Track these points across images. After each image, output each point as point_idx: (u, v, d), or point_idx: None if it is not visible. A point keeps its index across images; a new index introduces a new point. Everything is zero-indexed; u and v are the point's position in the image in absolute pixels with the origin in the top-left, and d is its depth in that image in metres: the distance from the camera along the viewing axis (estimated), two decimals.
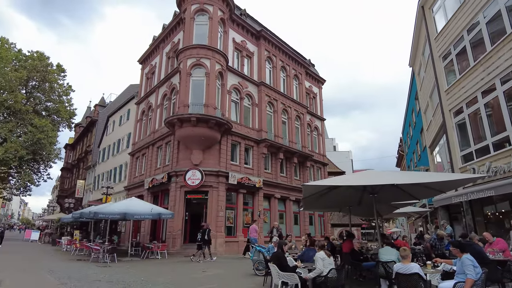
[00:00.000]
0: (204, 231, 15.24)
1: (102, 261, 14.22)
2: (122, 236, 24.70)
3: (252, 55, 24.90)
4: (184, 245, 18.69)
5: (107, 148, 34.61)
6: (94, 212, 15.52)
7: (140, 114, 27.51)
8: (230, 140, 21.08)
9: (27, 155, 30.72)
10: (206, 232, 15.24)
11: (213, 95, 19.90)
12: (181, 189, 19.16)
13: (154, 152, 23.38)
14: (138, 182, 24.37)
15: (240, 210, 20.65)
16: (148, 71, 28.09)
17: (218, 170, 19.51)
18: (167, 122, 19.91)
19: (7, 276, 9.70)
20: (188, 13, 21.60)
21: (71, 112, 36.60)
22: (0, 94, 30.68)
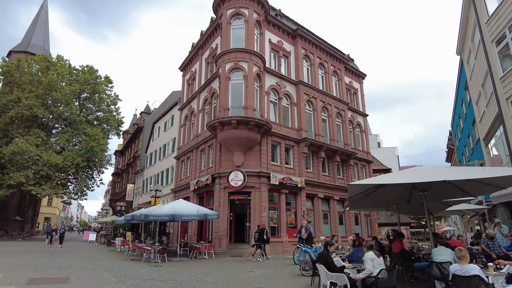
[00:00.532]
0: (262, 231, 15.72)
1: (153, 261, 14.94)
2: (171, 236, 25.74)
3: (289, 55, 24.82)
4: (230, 245, 19.09)
5: (154, 153, 36.28)
6: (144, 214, 16.35)
7: (183, 119, 28.54)
8: (270, 140, 21.19)
9: (82, 162, 33.20)
10: (264, 232, 15.85)
11: (251, 97, 20.14)
12: (225, 190, 19.59)
13: (198, 155, 24.13)
14: (184, 185, 25.28)
15: (283, 210, 20.67)
16: (189, 78, 29.07)
17: (260, 171, 19.69)
18: (209, 126, 20.47)
19: (71, 273, 10.55)
20: (225, 18, 22.06)
21: (119, 120, 38.96)
22: (58, 107, 33.44)
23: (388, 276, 6.24)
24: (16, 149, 28.52)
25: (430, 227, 9.21)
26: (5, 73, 34.19)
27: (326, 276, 6.55)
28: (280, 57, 24.19)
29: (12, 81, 33.97)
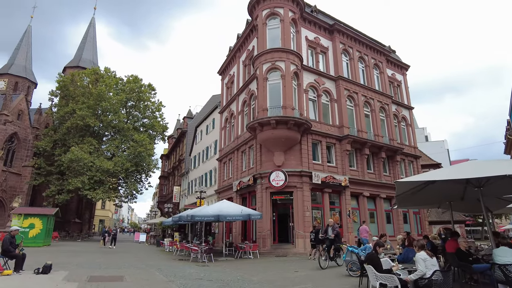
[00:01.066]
0: (318, 232, 15.52)
1: (200, 261, 15.38)
2: (216, 236, 26.33)
3: (327, 50, 24.34)
4: (274, 245, 19.11)
5: (197, 155, 37.38)
6: (191, 215, 16.90)
7: (223, 122, 29.11)
8: (310, 139, 20.90)
9: (131, 167, 35.19)
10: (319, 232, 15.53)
11: (290, 96, 20.01)
12: (267, 191, 19.66)
13: (239, 157, 24.47)
14: (227, 186, 25.77)
15: (327, 209, 20.29)
16: (227, 81, 29.60)
17: (301, 170, 19.51)
18: (249, 127, 20.66)
19: (126, 272, 11.19)
20: (260, 19, 22.16)
21: (164, 126, 40.83)
22: (107, 116, 35.68)
23: (443, 278, 5.88)
24: (72, 157, 30.90)
25: (489, 226, 8.54)
26: (61, 88, 37.24)
27: (375, 277, 6.32)
28: (318, 54, 23.79)
29: (67, 95, 36.90)
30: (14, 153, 36.66)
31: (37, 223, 23.23)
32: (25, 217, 23.18)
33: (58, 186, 33.89)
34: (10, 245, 9.96)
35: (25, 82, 46.01)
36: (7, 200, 33.71)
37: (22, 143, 37.12)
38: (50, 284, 8.54)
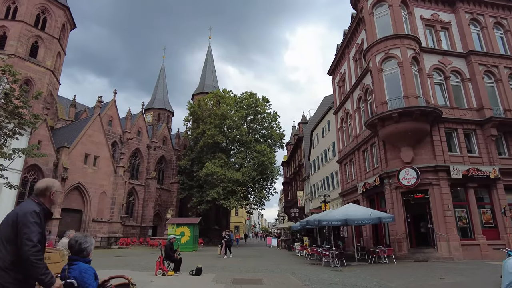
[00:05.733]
0: None
1: (333, 266, 15.19)
2: (346, 241, 25.61)
3: (449, 25, 21.27)
4: (412, 249, 17.41)
5: (316, 159, 37.42)
6: (318, 220, 16.95)
7: (339, 122, 28.42)
8: (442, 128, 18.42)
9: (257, 175, 37.76)
10: None
11: (411, 84, 18.18)
12: (397, 191, 18.15)
13: (361, 156, 23.39)
14: (351, 188, 24.89)
15: (473, 207, 17.38)
16: (338, 80, 28.89)
17: (435, 165, 17.33)
18: (368, 124, 19.60)
19: (263, 275, 11.94)
20: (366, 10, 21.00)
21: (281, 134, 42.63)
22: (231, 132, 39.31)
23: None
24: (208, 171, 35.08)
25: None
26: (192, 113, 43.03)
27: None
28: (438, 31, 21.01)
29: (197, 118, 42.34)
30: (164, 172, 43.80)
31: (186, 231, 27.01)
32: (177, 226, 27.29)
33: (199, 197, 38.83)
34: (170, 251, 12.01)
35: (165, 112, 55.17)
36: (162, 213, 40.33)
37: (168, 163, 44.10)
38: (203, 284, 9.90)
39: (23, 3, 32.76)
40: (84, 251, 3.14)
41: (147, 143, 40.78)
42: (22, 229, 2.64)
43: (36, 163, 25.27)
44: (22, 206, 2.84)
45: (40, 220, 2.77)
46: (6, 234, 2.69)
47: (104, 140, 31.40)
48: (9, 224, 2.70)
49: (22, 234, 2.63)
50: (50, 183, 3.03)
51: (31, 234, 2.64)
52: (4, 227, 2.72)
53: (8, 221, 2.73)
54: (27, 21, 32.52)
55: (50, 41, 34.38)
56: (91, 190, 29.25)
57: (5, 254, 2.63)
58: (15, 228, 2.67)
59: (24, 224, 2.65)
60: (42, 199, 2.95)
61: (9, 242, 2.66)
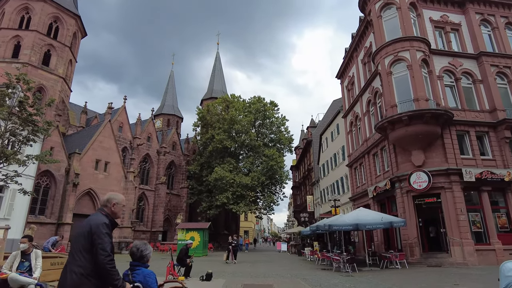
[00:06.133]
0: None
1: (344, 271, 15.02)
2: (357, 245, 25.31)
3: (459, 27, 21.03)
4: (424, 254, 17.11)
5: (325, 163, 37.20)
6: (328, 225, 16.80)
7: (348, 126, 28.23)
8: (454, 131, 18.16)
9: (266, 180, 37.63)
10: None
11: (421, 86, 17.99)
12: (408, 194, 17.90)
13: (371, 160, 23.17)
14: (361, 192, 24.64)
15: (488, 211, 17.01)
16: (347, 83, 28.76)
17: (447, 168, 17.05)
18: (378, 128, 19.43)
19: (273, 281, 11.86)
20: (374, 13, 20.93)
21: (290, 138, 42.54)
22: (240, 137, 39.37)
23: None
24: (217, 176, 35.13)
25: None
26: (201, 118, 43.26)
27: None
28: (448, 33, 20.79)
29: (206, 123, 42.52)
30: (173, 178, 44.05)
31: (196, 236, 27.04)
32: (187, 231, 27.33)
33: (208, 202, 38.87)
34: (185, 255, 12.12)
35: (174, 118, 55.55)
36: (172, 218, 40.50)
37: (178, 168, 44.35)
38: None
39: (36, 13, 33.56)
40: (144, 258, 3.43)
41: (157, 149, 41.12)
42: (97, 240, 2.93)
43: (49, 169, 25.68)
44: (93, 218, 3.12)
45: (110, 231, 3.08)
46: (83, 244, 2.98)
47: (115, 146, 31.77)
48: (85, 235, 2.99)
49: (97, 244, 2.92)
50: (111, 196, 3.33)
51: (105, 245, 2.94)
52: (81, 238, 3.01)
53: (84, 232, 3.01)
54: (40, 30, 33.27)
55: (62, 49, 35.08)
56: (101, 196, 29.49)
57: (85, 262, 2.92)
58: (90, 238, 2.96)
59: (98, 235, 2.94)
60: (107, 210, 3.25)
61: (86, 251, 2.95)
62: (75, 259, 2.96)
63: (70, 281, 2.89)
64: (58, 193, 26.66)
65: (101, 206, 3.30)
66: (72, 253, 3.02)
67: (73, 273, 2.89)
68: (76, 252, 2.98)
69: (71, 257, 3.00)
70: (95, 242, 2.93)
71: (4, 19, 33.06)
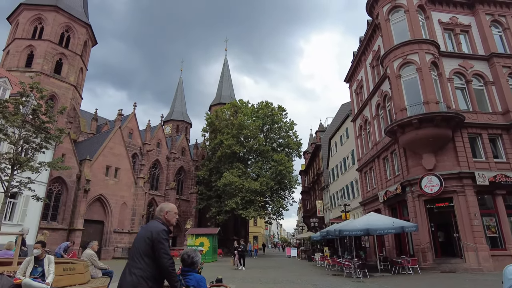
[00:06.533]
0: None
1: (355, 277, 14.82)
2: (368, 251, 24.98)
3: (469, 28, 20.82)
4: (437, 259, 16.78)
5: (335, 168, 36.94)
6: (338, 230, 16.63)
7: (358, 130, 28.04)
8: (465, 134, 17.89)
9: (274, 185, 37.52)
10: None
11: (431, 89, 17.80)
12: (419, 199, 17.64)
13: (381, 164, 22.93)
14: (372, 197, 24.37)
15: (503, 215, 16.64)
16: (356, 87, 28.63)
17: (459, 172, 16.78)
18: (387, 131, 19.27)
19: (283, 287, 11.77)
20: (382, 16, 20.87)
21: (298, 142, 42.42)
22: (249, 142, 39.41)
23: None
24: (226, 181, 35.16)
25: None
26: (210, 124, 43.49)
27: None
28: (458, 35, 20.60)
29: (215, 129, 42.72)
30: (183, 183, 44.24)
31: (206, 241, 27.05)
32: (196, 236, 27.37)
33: (217, 208, 38.89)
34: None
35: (183, 124, 56.05)
36: (182, 223, 40.57)
37: (187, 174, 44.54)
38: None
39: (48, 23, 34.35)
40: (195, 264, 3.67)
41: (167, 154, 41.42)
42: (158, 245, 3.18)
43: (60, 175, 26.05)
44: (153, 225, 3.37)
45: (168, 237, 3.34)
46: (144, 249, 3.20)
47: (125, 152, 32.10)
48: (146, 241, 3.22)
49: (159, 249, 3.17)
50: (164, 205, 3.60)
51: (166, 249, 3.22)
52: (141, 243, 3.23)
53: (144, 238, 3.24)
54: (52, 39, 34.02)
55: (73, 57, 35.77)
56: (112, 202, 29.83)
57: (145, 266, 3.15)
58: (151, 244, 3.19)
59: (159, 241, 3.19)
60: (162, 218, 3.49)
61: (146, 256, 3.18)
62: (135, 262, 3.19)
63: (130, 281, 3.13)
64: (70, 199, 27.00)
65: (156, 215, 3.54)
66: (132, 256, 3.25)
67: (133, 274, 3.13)
68: (137, 256, 3.20)
69: (132, 260, 3.22)
70: (157, 247, 3.17)
71: (18, 29, 33.94)
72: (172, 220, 3.55)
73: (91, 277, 8.20)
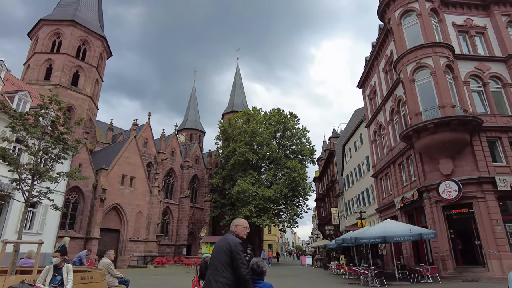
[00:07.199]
0: None
1: (372, 285, 14.52)
2: (385, 259, 24.46)
3: (484, 30, 20.45)
4: (458, 268, 16.26)
5: (349, 174, 36.50)
6: (354, 238, 16.36)
7: (372, 135, 27.71)
8: (484, 137, 17.44)
9: (288, 192, 37.28)
10: None
11: (446, 93, 17.48)
12: (437, 205, 17.21)
13: (397, 170, 22.53)
14: (388, 203, 23.92)
15: None
16: (369, 93, 28.38)
17: (479, 177, 16.32)
18: (403, 137, 18.96)
19: None
20: (394, 21, 20.74)
21: (311, 149, 42.16)
22: (261, 149, 39.43)
23: None
24: (239, 189, 35.21)
25: None
26: (223, 132, 43.80)
27: None
28: (473, 37, 20.24)
29: (228, 137, 42.97)
30: (197, 191, 44.48)
31: None
32: (210, 244, 27.36)
33: (231, 215, 38.85)
34: (205, 270, 11.94)
35: (196, 132, 56.62)
36: (196, 231, 40.71)
37: (201, 182, 44.80)
38: None
39: (66, 37, 35.48)
40: (264, 273, 3.93)
41: (181, 163, 41.81)
42: (236, 256, 3.57)
43: (77, 185, 26.58)
44: (230, 238, 3.77)
45: (243, 248, 3.71)
46: (225, 259, 3.59)
47: (140, 161, 32.56)
48: (225, 252, 3.61)
49: (237, 259, 3.55)
50: (235, 220, 4.10)
51: (244, 259, 3.57)
52: (222, 254, 3.63)
53: (224, 249, 3.64)
54: (69, 53, 35.10)
55: (89, 69, 36.76)
56: (127, 210, 30.20)
57: (228, 274, 3.55)
58: (230, 254, 3.58)
59: (237, 252, 3.58)
60: (234, 232, 3.91)
61: (227, 265, 3.57)
62: (218, 271, 3.58)
63: None
64: (86, 208, 27.48)
65: (230, 229, 4.02)
66: (215, 266, 3.63)
67: (219, 282, 3.51)
68: (220, 266, 3.59)
69: (215, 269, 3.61)
70: (235, 258, 3.56)
71: (38, 44, 35.17)
72: (241, 234, 3.92)
73: (108, 285, 8.29)
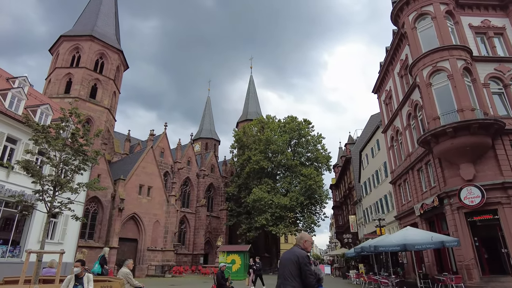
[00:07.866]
0: None
1: None
2: (406, 267, 23.78)
3: (503, 30, 19.96)
4: (485, 277, 15.61)
5: (367, 181, 35.90)
6: (374, 246, 15.99)
7: (389, 141, 27.24)
8: (507, 141, 16.85)
9: (305, 200, 36.94)
10: None
11: (465, 96, 17.06)
12: (459, 211, 16.66)
13: (416, 176, 22.02)
14: (407, 210, 23.34)
15: None
16: (384, 98, 28.02)
17: (503, 182, 15.75)
18: (420, 142, 18.56)
19: None
20: (408, 25, 20.51)
21: (327, 156, 41.73)
22: (276, 157, 39.34)
23: None
24: (255, 197, 35.13)
25: None
26: (237, 140, 44.02)
27: None
28: (491, 38, 19.78)
29: (243, 145, 43.16)
30: (213, 200, 44.65)
31: (237, 259, 26.90)
32: (227, 254, 27.30)
33: (247, 224, 38.77)
34: (222, 279, 11.97)
35: (212, 141, 57.10)
36: (213, 240, 40.75)
37: (216, 190, 44.98)
38: None
39: (85, 51, 36.71)
40: (321, 280, 4.54)
41: (197, 172, 42.16)
42: (304, 268, 3.94)
43: (96, 195, 27.14)
44: (298, 251, 4.13)
45: (310, 261, 4.09)
46: (294, 270, 3.96)
47: (157, 171, 33.00)
48: (294, 264, 3.97)
49: (306, 271, 3.93)
50: (303, 235, 4.44)
51: (311, 271, 3.97)
52: (291, 265, 4.00)
53: (292, 261, 4.00)
54: (88, 66, 36.26)
55: (107, 82, 37.80)
56: (145, 220, 30.54)
57: (297, 284, 3.89)
58: (298, 266, 3.95)
59: (305, 264, 3.95)
60: (301, 246, 4.26)
61: (296, 276, 3.93)
62: (288, 281, 3.94)
63: None
64: (105, 218, 27.96)
65: (297, 242, 4.38)
66: (284, 276, 4.00)
67: None
68: (289, 276, 3.95)
69: (284, 279, 4.00)
70: (303, 269, 3.92)
71: (59, 59, 36.52)
72: (308, 248, 4.30)
73: None
